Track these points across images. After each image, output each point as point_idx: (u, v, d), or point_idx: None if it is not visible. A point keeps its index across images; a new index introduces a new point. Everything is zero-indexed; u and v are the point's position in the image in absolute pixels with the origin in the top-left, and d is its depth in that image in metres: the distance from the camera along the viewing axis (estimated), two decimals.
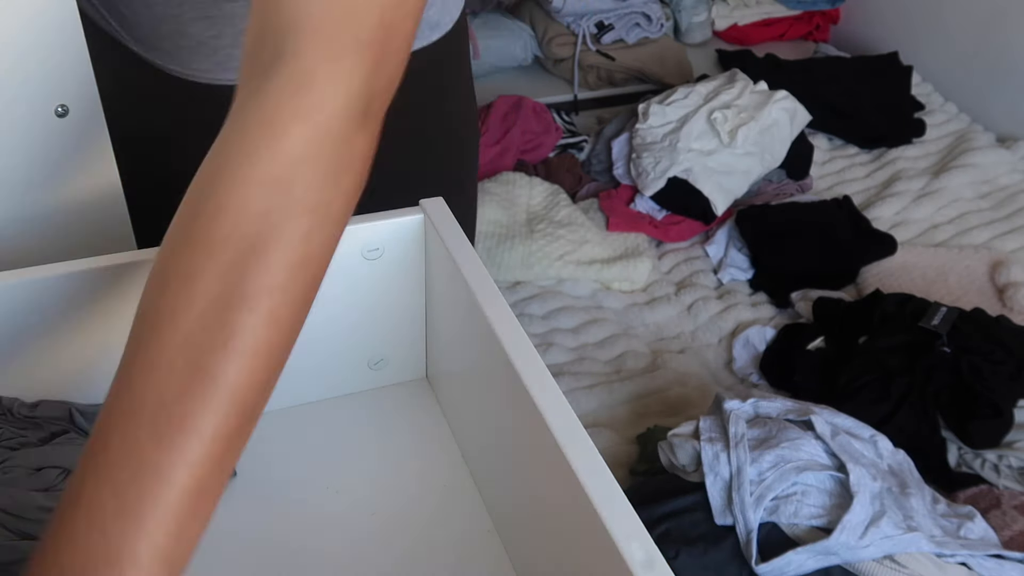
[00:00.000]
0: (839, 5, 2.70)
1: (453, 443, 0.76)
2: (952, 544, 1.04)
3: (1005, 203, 2.01)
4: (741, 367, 1.63)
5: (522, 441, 0.60)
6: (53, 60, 0.70)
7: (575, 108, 2.38)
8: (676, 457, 1.15)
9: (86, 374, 0.70)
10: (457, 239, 0.70)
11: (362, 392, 0.80)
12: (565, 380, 1.56)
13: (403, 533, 0.69)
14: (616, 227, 1.89)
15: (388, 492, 0.72)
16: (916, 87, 2.37)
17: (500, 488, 0.68)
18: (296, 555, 0.67)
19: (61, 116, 0.72)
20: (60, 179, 0.76)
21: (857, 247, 1.84)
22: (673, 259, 1.89)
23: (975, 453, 1.38)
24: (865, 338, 1.53)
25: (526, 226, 1.85)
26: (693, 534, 1.08)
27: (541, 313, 1.72)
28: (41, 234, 0.77)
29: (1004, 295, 1.73)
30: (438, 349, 0.78)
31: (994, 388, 1.40)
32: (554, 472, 0.54)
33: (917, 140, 2.22)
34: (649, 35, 2.43)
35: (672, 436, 1.18)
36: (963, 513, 1.13)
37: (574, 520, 0.53)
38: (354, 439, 0.76)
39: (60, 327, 0.67)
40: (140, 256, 0.67)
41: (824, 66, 2.40)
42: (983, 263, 1.82)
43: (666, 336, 1.71)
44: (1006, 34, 2.20)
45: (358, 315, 0.76)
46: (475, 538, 0.69)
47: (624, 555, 0.48)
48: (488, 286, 0.65)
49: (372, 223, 0.72)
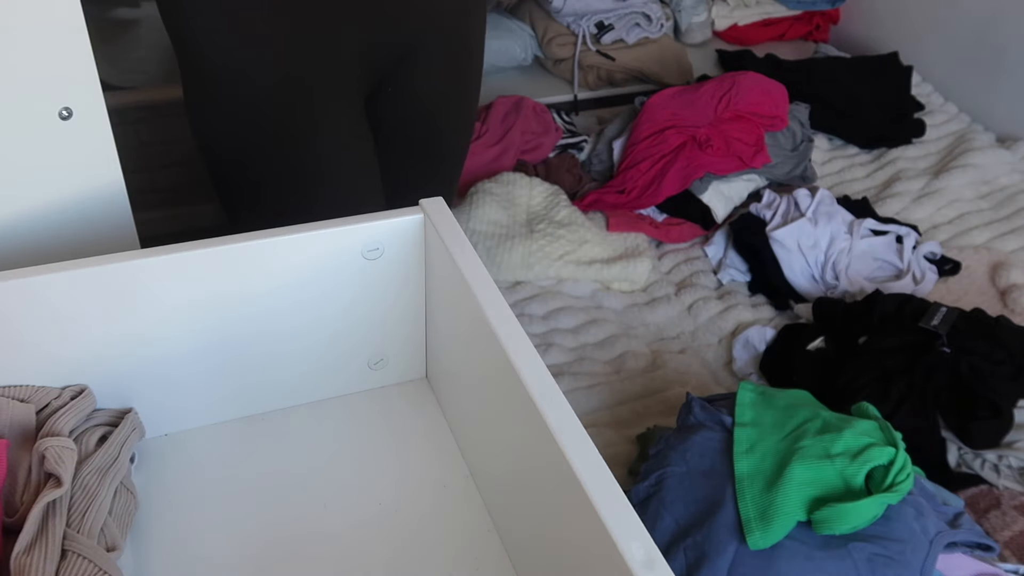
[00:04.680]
0: (839, 5, 2.70)
1: (453, 443, 0.76)
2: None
3: (1005, 203, 2.02)
4: (741, 367, 1.63)
5: (522, 441, 0.60)
6: (57, 63, 0.70)
7: (575, 108, 2.38)
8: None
9: (87, 374, 0.70)
10: (457, 239, 0.70)
11: (362, 392, 0.81)
12: (565, 380, 1.57)
13: (403, 533, 0.69)
14: (616, 227, 1.89)
15: (388, 492, 0.72)
16: (916, 87, 2.37)
17: (500, 488, 0.68)
18: (296, 555, 0.67)
19: (65, 119, 0.72)
20: (63, 181, 0.76)
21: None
22: (673, 259, 1.89)
23: (975, 453, 1.38)
24: (865, 338, 1.53)
25: (526, 226, 1.85)
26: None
27: (541, 313, 1.72)
28: (43, 235, 0.77)
29: (1006, 298, 1.73)
30: (438, 349, 0.78)
31: (994, 388, 1.40)
32: (554, 472, 0.54)
33: (917, 140, 2.22)
34: (649, 35, 2.43)
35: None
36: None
37: (574, 520, 0.53)
38: (354, 439, 0.76)
39: (60, 327, 0.67)
40: (141, 256, 0.67)
41: (824, 66, 2.40)
42: (983, 263, 1.82)
43: (666, 336, 1.71)
44: (1006, 34, 2.20)
45: (358, 315, 0.76)
46: (475, 538, 0.69)
47: (624, 555, 0.48)
48: (488, 286, 0.65)
49: (372, 223, 0.72)
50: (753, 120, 1.99)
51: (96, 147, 0.75)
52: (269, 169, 1.03)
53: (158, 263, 0.67)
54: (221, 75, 0.96)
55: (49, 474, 0.63)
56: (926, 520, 1.04)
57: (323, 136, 1.02)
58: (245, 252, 0.69)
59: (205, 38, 0.95)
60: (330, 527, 0.69)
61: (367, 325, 0.77)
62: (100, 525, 0.63)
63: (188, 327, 0.71)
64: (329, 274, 0.73)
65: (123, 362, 0.70)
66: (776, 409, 1.13)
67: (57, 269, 0.65)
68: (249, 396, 0.77)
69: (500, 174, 1.96)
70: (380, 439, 0.77)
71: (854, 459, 1.02)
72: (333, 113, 1.02)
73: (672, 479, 1.09)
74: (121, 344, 0.69)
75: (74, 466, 0.64)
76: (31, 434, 0.66)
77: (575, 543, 0.54)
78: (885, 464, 1.02)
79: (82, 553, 0.60)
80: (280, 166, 1.02)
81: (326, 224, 0.71)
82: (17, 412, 0.66)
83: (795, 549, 0.99)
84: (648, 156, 1.95)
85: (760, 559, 0.99)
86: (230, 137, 1.01)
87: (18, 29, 0.68)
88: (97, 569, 0.59)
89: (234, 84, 0.97)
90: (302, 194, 1.04)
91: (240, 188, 1.06)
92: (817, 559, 0.98)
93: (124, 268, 0.66)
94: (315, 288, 0.73)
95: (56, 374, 0.69)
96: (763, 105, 2.01)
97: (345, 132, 1.04)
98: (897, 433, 1.06)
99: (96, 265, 0.66)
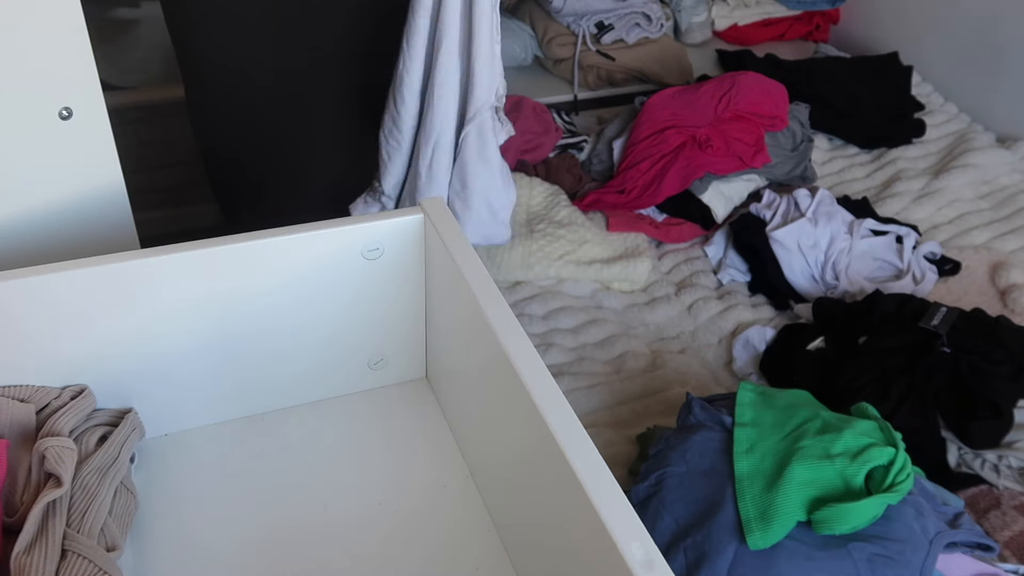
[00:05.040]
0: (839, 5, 2.70)
1: (453, 443, 0.76)
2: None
3: (1005, 203, 2.02)
4: (741, 367, 1.63)
5: (522, 441, 0.60)
6: (57, 63, 0.70)
7: (575, 108, 2.38)
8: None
9: (86, 374, 0.70)
10: (457, 239, 0.70)
11: (362, 392, 0.81)
12: (565, 380, 1.56)
13: (403, 532, 0.69)
14: (616, 227, 1.89)
15: (388, 491, 0.72)
16: (916, 87, 2.37)
17: (500, 488, 0.68)
18: (296, 554, 0.67)
19: (65, 119, 0.72)
20: (63, 181, 0.76)
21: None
22: (673, 259, 1.89)
23: (975, 453, 1.38)
24: (865, 338, 1.53)
25: (526, 226, 1.85)
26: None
27: (541, 313, 1.72)
28: (43, 235, 0.77)
29: (1006, 298, 1.73)
30: (438, 349, 0.78)
31: (994, 388, 1.40)
32: (554, 472, 0.54)
33: (917, 140, 2.22)
34: (649, 35, 2.43)
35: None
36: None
37: (574, 520, 0.53)
38: (354, 439, 0.76)
39: (60, 327, 0.67)
40: (141, 256, 0.67)
41: (824, 66, 2.40)
42: (983, 263, 1.82)
43: (666, 336, 1.71)
44: (1006, 34, 2.20)
45: (358, 315, 0.76)
46: (475, 538, 0.69)
47: (624, 555, 0.48)
48: (488, 286, 0.65)
49: (372, 223, 0.72)
50: (753, 120, 1.99)
51: (96, 147, 0.75)
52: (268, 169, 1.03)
53: (158, 263, 0.67)
54: (221, 76, 0.97)
55: (49, 474, 0.63)
56: (926, 520, 1.04)
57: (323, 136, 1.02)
58: (245, 252, 0.69)
59: (206, 39, 0.95)
60: (330, 527, 0.69)
61: (367, 325, 0.77)
62: (100, 525, 0.63)
63: (188, 327, 0.71)
64: (329, 274, 0.73)
65: (123, 362, 0.70)
66: (776, 409, 1.13)
67: (57, 269, 0.65)
68: (249, 396, 0.77)
69: None
70: (380, 439, 0.77)
71: (854, 459, 1.02)
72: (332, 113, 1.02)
73: (672, 479, 1.09)
74: (121, 344, 0.69)
75: (74, 466, 0.64)
76: (31, 434, 0.66)
77: (575, 543, 0.54)
78: (885, 464, 1.02)
79: (82, 553, 0.60)
80: (279, 166, 1.03)
81: (326, 224, 0.71)
82: (17, 412, 0.66)
83: (795, 549, 0.99)
84: (648, 156, 1.95)
85: (760, 559, 0.99)
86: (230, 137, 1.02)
87: (18, 29, 0.68)
88: (97, 569, 0.59)
89: (234, 85, 0.97)
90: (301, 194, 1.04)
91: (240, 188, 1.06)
92: (817, 559, 0.98)
93: (124, 268, 0.66)
94: (315, 288, 0.73)
95: (56, 374, 0.69)
96: (763, 105, 2.01)
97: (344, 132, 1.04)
98: (897, 433, 1.06)
99: (96, 265, 0.66)
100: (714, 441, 1.11)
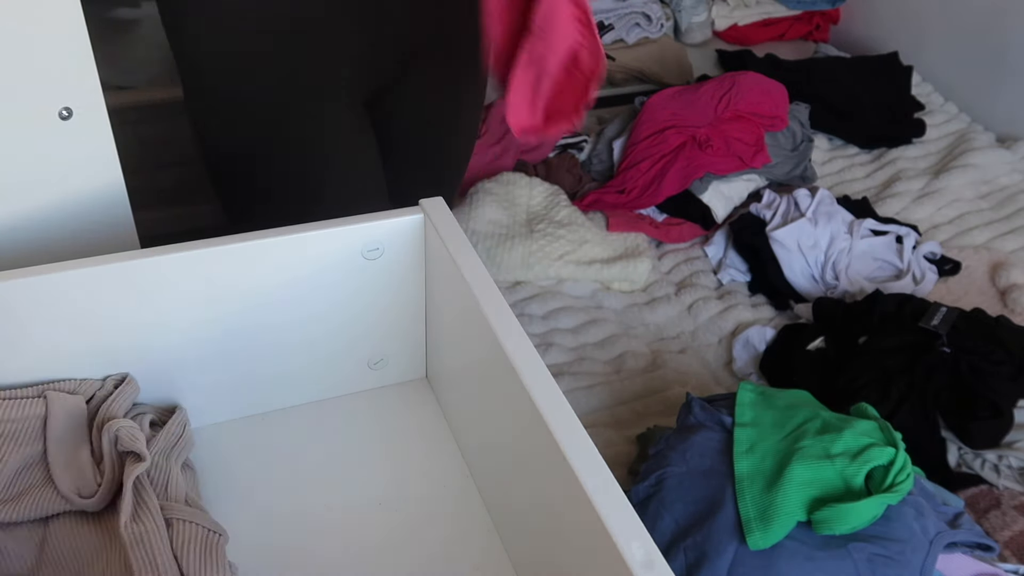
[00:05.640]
0: (839, 5, 2.70)
1: (453, 443, 0.76)
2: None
3: (1005, 203, 2.02)
4: (741, 367, 1.63)
5: (522, 441, 0.60)
6: (57, 63, 0.70)
7: None
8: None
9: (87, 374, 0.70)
10: (457, 239, 0.70)
11: (362, 392, 0.81)
12: (565, 380, 1.56)
13: (403, 533, 0.69)
14: (616, 227, 1.89)
15: (388, 492, 0.72)
16: (916, 87, 2.37)
17: (500, 488, 0.68)
18: (296, 555, 0.67)
19: (65, 119, 0.72)
20: (63, 181, 0.76)
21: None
22: (673, 259, 1.89)
23: (975, 453, 1.38)
24: (865, 338, 1.53)
25: (526, 226, 1.85)
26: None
27: (541, 313, 1.72)
28: (43, 235, 0.77)
29: (1006, 298, 1.73)
30: (438, 349, 0.78)
31: (994, 388, 1.40)
32: (554, 472, 0.54)
33: (917, 140, 2.22)
34: (649, 35, 2.43)
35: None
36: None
37: (574, 520, 0.53)
38: (354, 439, 0.76)
39: (59, 328, 0.67)
40: (141, 256, 0.67)
41: (824, 66, 2.40)
42: (983, 263, 1.82)
43: (666, 336, 1.71)
44: (1006, 34, 2.20)
45: (358, 315, 0.76)
46: (475, 538, 0.69)
47: (624, 555, 0.48)
48: (488, 286, 0.65)
49: (372, 223, 0.72)
50: (753, 120, 1.99)
51: (96, 147, 0.75)
52: (270, 170, 1.03)
53: (158, 263, 0.67)
54: (221, 76, 0.96)
55: (125, 453, 0.64)
56: (926, 520, 1.04)
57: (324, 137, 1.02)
58: (245, 252, 0.69)
59: (205, 40, 0.95)
60: (330, 527, 0.69)
61: (367, 325, 0.77)
62: (183, 497, 0.64)
63: (187, 327, 0.71)
64: (329, 274, 0.73)
65: (121, 364, 0.70)
66: (776, 409, 1.13)
67: (57, 269, 0.65)
68: (249, 396, 0.77)
69: (500, 174, 1.95)
70: (380, 439, 0.77)
71: (854, 459, 1.02)
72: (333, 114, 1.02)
73: (672, 479, 1.09)
74: (120, 345, 0.69)
75: (145, 444, 0.65)
76: (84, 423, 0.67)
77: (575, 543, 0.54)
78: (885, 464, 1.02)
79: (185, 518, 0.61)
80: (281, 167, 1.02)
81: (326, 224, 0.71)
82: (69, 404, 0.67)
83: (795, 549, 0.99)
84: (648, 156, 1.95)
85: (760, 559, 0.99)
86: (230, 138, 1.01)
87: (18, 29, 0.68)
88: (206, 531, 0.61)
89: (234, 85, 0.97)
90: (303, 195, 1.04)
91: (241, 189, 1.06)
92: (817, 559, 0.98)
93: (124, 268, 0.66)
94: (315, 288, 0.73)
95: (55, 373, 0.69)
96: (763, 105, 2.01)
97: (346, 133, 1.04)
98: (897, 433, 1.06)
99: (96, 265, 0.66)
100: (714, 441, 1.11)
